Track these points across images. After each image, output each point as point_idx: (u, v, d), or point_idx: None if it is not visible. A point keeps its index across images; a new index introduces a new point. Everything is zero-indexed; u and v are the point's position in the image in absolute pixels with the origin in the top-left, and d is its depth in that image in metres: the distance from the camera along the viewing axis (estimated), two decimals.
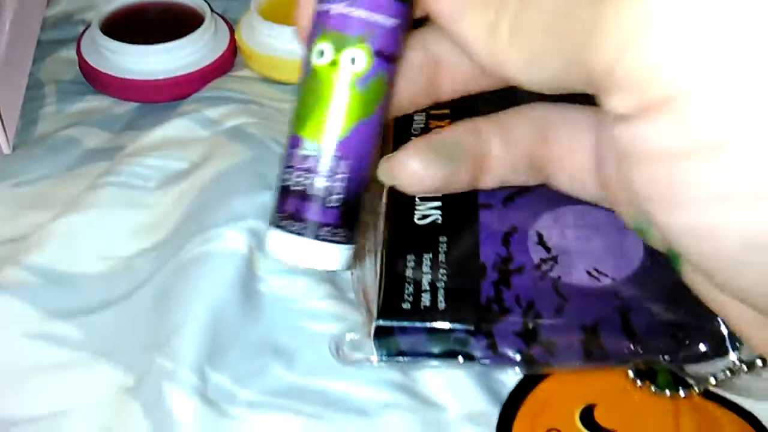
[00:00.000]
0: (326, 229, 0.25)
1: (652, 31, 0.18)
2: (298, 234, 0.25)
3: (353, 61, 0.24)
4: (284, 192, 0.25)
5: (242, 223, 0.38)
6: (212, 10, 0.52)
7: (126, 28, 0.50)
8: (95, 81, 0.50)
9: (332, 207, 0.25)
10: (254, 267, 0.37)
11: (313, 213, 0.25)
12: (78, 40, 0.51)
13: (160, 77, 0.49)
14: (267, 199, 0.39)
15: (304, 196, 0.25)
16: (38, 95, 0.50)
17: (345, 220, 0.25)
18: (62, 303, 0.37)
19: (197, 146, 0.44)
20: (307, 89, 0.25)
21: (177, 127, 0.45)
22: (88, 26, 0.52)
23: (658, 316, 0.33)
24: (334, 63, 0.24)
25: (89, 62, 0.49)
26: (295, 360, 0.35)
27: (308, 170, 0.25)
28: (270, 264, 0.37)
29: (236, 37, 0.51)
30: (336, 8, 0.24)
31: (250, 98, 0.48)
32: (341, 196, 0.25)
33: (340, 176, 0.25)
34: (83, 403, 0.34)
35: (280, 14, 0.50)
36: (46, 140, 0.46)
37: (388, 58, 0.25)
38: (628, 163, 0.20)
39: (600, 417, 0.33)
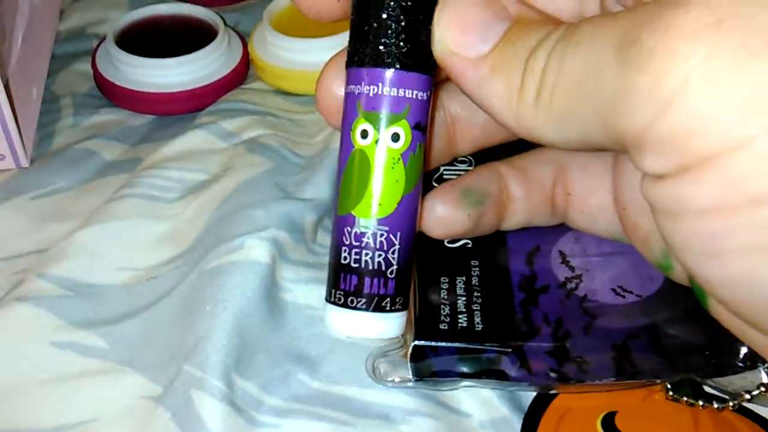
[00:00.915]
0: (385, 300, 0.26)
1: (692, 94, 0.19)
2: (359, 309, 0.26)
3: (395, 137, 0.25)
4: (340, 269, 0.26)
5: (264, 233, 0.38)
6: (225, 23, 0.52)
7: (140, 41, 0.51)
8: (111, 94, 0.50)
9: (389, 279, 0.26)
10: (277, 276, 0.38)
11: (371, 287, 0.26)
12: (93, 54, 0.52)
13: (175, 90, 0.49)
14: (287, 209, 0.40)
15: (361, 272, 0.26)
16: (54, 108, 0.51)
17: (400, 289, 0.26)
18: (87, 313, 0.38)
19: (216, 157, 0.44)
20: (352, 169, 0.25)
21: (195, 138, 0.46)
22: (102, 39, 0.52)
23: (687, 333, 0.34)
24: (377, 142, 0.25)
25: (104, 75, 0.50)
26: (319, 367, 0.36)
27: (364, 247, 0.25)
28: (293, 273, 0.38)
29: (249, 49, 0.52)
30: (372, 89, 0.25)
31: (265, 110, 0.48)
32: (396, 267, 0.26)
33: (393, 249, 0.26)
34: (110, 412, 0.34)
35: (292, 26, 0.50)
36: (63, 153, 0.47)
37: (423, 129, 0.26)
38: (663, 218, 0.21)
39: (621, 424, 0.34)
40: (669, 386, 0.34)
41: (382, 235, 0.25)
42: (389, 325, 0.26)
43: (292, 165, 0.44)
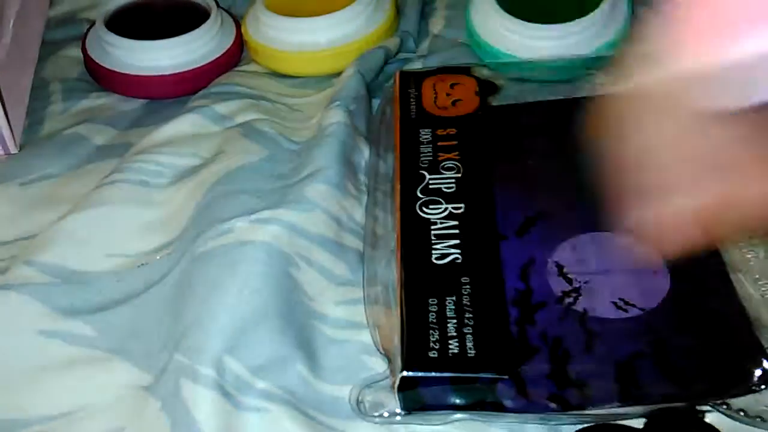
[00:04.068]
0: None
1: None
2: None
3: None
4: None
5: (255, 216, 0.37)
6: (218, 5, 0.51)
7: (131, 24, 0.50)
8: (101, 78, 0.49)
9: None
10: (276, 258, 0.36)
11: None
12: (83, 38, 0.51)
13: (167, 73, 0.48)
14: (278, 192, 0.39)
15: None
16: (44, 94, 0.49)
17: None
18: (75, 301, 0.37)
19: (208, 142, 0.43)
20: None
21: (187, 122, 0.44)
22: (93, 24, 0.51)
23: (696, 349, 0.32)
24: None
25: (95, 59, 0.49)
26: (316, 358, 0.34)
27: None
28: (297, 253, 0.37)
29: (242, 30, 0.51)
30: None
31: (258, 93, 0.47)
32: None
33: None
34: (99, 402, 0.33)
35: (286, 6, 0.49)
36: (53, 138, 0.46)
37: None
38: None
39: None
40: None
41: None
42: None
43: (285, 151, 0.43)
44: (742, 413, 0.31)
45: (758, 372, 0.31)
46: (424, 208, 0.37)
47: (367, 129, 0.44)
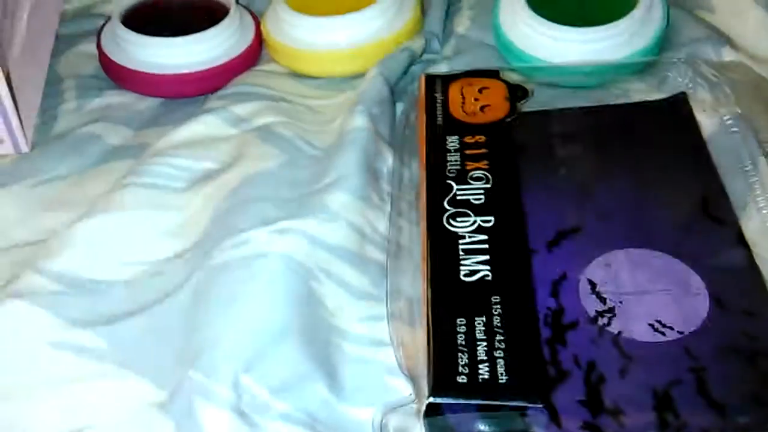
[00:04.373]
0: None
1: None
2: None
3: None
4: None
5: (273, 227, 0.36)
6: (237, 1, 0.50)
7: (148, 20, 0.49)
8: (116, 75, 0.48)
9: None
10: (293, 272, 0.35)
11: None
12: (98, 34, 0.49)
13: (184, 71, 0.47)
14: (297, 201, 0.38)
15: None
16: (57, 91, 0.48)
17: None
18: (85, 311, 0.35)
19: (226, 145, 0.42)
20: None
21: (204, 124, 0.43)
22: (108, 19, 0.50)
23: (739, 376, 0.30)
24: None
25: (110, 56, 0.48)
26: (337, 378, 0.33)
27: None
28: (317, 265, 0.35)
29: (261, 28, 0.49)
30: None
31: (278, 94, 0.46)
32: None
33: None
34: (109, 419, 0.32)
35: (308, 4, 0.48)
36: (66, 138, 0.45)
37: None
38: None
39: None
40: None
41: None
42: None
43: (305, 156, 0.41)
44: None
45: None
46: (452, 221, 0.36)
47: (391, 135, 0.43)
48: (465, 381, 0.30)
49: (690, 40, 0.46)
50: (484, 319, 0.32)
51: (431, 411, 0.30)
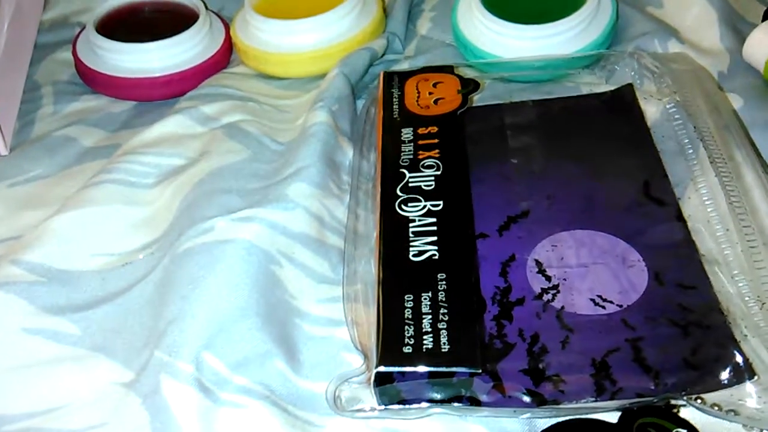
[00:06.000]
0: None
1: None
2: None
3: None
4: None
5: (236, 215, 0.38)
6: (207, 7, 0.51)
7: (121, 27, 0.50)
8: (91, 81, 0.50)
9: None
10: (256, 255, 0.37)
11: None
12: (74, 41, 0.51)
13: (156, 75, 0.49)
14: (260, 192, 0.39)
15: None
16: (35, 97, 0.50)
17: None
18: (59, 299, 0.37)
19: (194, 142, 0.44)
20: None
21: (173, 124, 0.45)
22: (83, 27, 0.52)
23: (672, 344, 0.32)
24: None
25: (85, 62, 0.49)
26: (296, 354, 0.35)
27: None
28: (278, 251, 0.37)
29: (231, 33, 0.51)
30: None
31: (246, 95, 0.48)
32: None
33: None
34: (81, 399, 0.34)
35: (274, 9, 0.50)
36: (43, 140, 0.46)
37: None
38: None
39: None
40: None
41: None
42: None
43: (270, 151, 0.43)
44: (716, 408, 0.31)
45: (731, 367, 0.31)
46: (403, 206, 0.37)
47: (352, 129, 0.45)
48: (410, 351, 0.32)
49: (639, 34, 0.48)
50: (430, 294, 0.33)
51: (383, 380, 0.31)
